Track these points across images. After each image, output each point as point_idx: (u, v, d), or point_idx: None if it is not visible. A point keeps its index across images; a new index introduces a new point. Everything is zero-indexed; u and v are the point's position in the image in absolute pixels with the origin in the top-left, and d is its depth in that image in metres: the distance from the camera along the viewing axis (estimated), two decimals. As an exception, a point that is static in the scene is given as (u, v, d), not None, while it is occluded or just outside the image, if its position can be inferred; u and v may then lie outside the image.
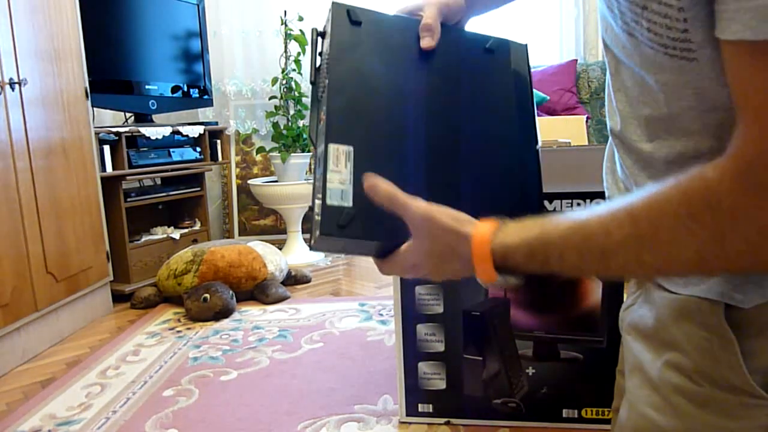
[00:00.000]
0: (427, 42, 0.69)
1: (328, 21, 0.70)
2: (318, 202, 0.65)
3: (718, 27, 0.41)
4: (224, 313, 2.01)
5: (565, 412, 1.21)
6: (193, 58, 2.81)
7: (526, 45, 0.78)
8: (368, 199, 0.61)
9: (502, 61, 0.75)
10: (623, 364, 0.69)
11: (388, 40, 0.69)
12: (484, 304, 1.19)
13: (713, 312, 0.52)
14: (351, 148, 0.64)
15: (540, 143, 0.75)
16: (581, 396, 1.19)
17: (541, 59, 3.14)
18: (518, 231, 0.54)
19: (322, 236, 0.64)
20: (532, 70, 0.80)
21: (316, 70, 0.72)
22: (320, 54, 0.72)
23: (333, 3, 0.69)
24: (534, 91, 0.83)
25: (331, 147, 0.63)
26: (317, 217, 0.65)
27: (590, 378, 1.18)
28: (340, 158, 0.64)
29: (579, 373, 1.18)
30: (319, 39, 0.73)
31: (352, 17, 0.69)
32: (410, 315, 1.22)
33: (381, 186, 0.60)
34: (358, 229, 0.63)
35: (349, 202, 0.63)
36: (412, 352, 1.23)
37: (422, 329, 1.22)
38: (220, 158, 2.82)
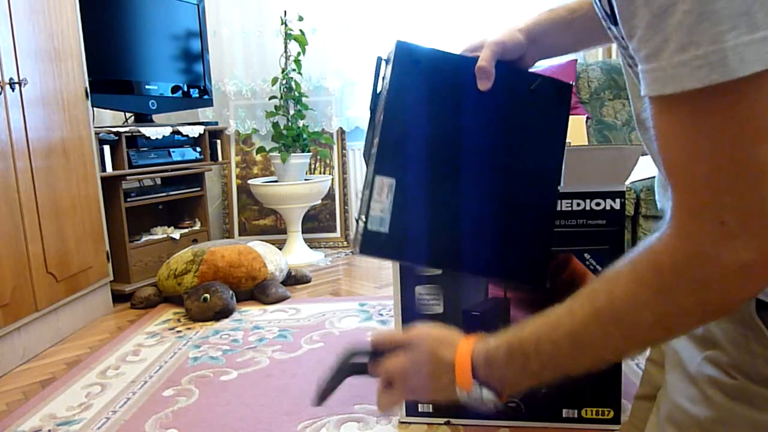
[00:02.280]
0: (483, 84, 0.74)
1: (391, 53, 0.77)
2: (361, 223, 0.75)
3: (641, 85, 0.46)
4: (224, 313, 2.01)
5: (565, 412, 1.21)
6: (193, 58, 2.81)
7: (570, 85, 0.82)
8: (402, 227, 0.74)
9: (544, 102, 0.80)
10: (655, 353, 0.74)
11: (444, 81, 0.76)
12: (484, 304, 1.19)
13: (748, 308, 0.54)
14: (394, 181, 0.74)
15: (563, 183, 0.82)
16: (581, 396, 1.19)
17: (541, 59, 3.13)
18: (499, 336, 0.59)
19: (361, 253, 0.75)
20: (569, 106, 0.84)
21: (376, 95, 0.79)
22: (383, 78, 0.78)
23: (397, 41, 0.76)
24: None
25: (377, 178, 0.74)
26: (359, 236, 0.75)
27: (590, 378, 1.17)
28: (383, 189, 0.74)
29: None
30: (383, 65, 0.79)
31: (413, 57, 0.76)
32: (410, 315, 1.21)
33: (378, 335, 0.69)
34: (391, 251, 0.75)
35: (386, 229, 0.74)
36: None
37: None
38: (220, 158, 2.82)
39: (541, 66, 3.03)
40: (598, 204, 1.12)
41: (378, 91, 0.78)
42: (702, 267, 0.45)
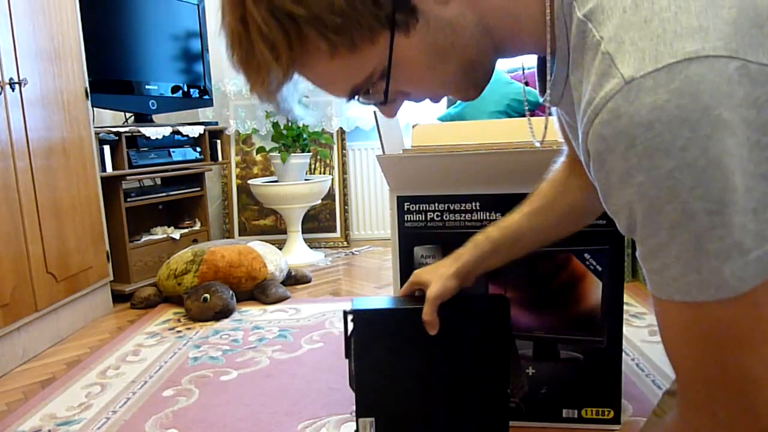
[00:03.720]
0: (431, 330, 0.89)
1: (351, 313, 0.97)
2: None
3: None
4: (224, 313, 2.01)
5: (565, 412, 1.21)
6: (193, 58, 2.81)
7: (506, 300, 0.96)
8: None
9: (485, 319, 0.95)
10: None
11: (398, 331, 0.94)
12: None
13: None
14: (373, 419, 0.96)
15: (510, 386, 0.99)
16: (581, 396, 1.19)
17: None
18: None
19: None
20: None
21: (347, 346, 0.98)
22: (350, 329, 0.97)
23: (353, 310, 0.96)
24: (533, 90, 0.85)
25: (360, 420, 0.96)
26: None
27: (590, 378, 1.18)
28: (366, 427, 0.96)
29: (579, 373, 1.18)
30: (348, 317, 0.98)
31: (370, 320, 0.96)
32: None
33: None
34: None
35: None
36: None
37: None
38: (220, 158, 2.82)
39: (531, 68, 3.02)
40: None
41: (348, 335, 0.97)
42: None
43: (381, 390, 0.96)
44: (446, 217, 1.18)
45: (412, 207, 1.19)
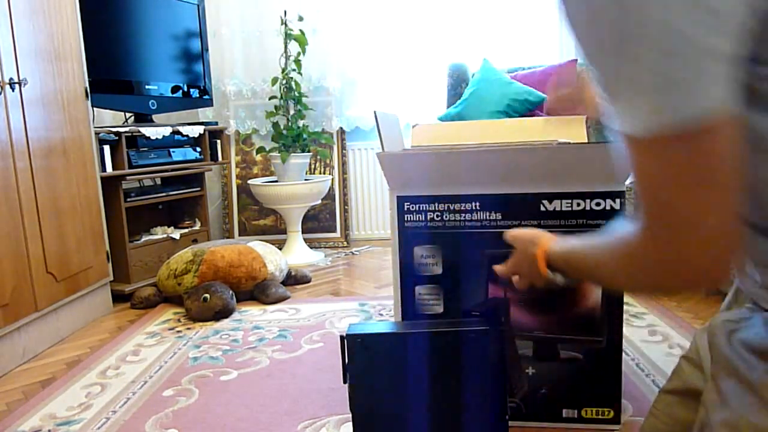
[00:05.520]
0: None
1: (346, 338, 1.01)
2: None
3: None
4: (224, 313, 2.01)
5: (565, 412, 1.21)
6: (193, 58, 2.81)
7: (501, 330, 1.00)
8: None
9: (480, 347, 0.99)
10: (693, 353, 0.82)
11: (393, 355, 0.98)
12: (485, 304, 1.20)
13: None
14: None
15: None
16: (581, 396, 1.19)
17: (541, 59, 3.14)
18: (564, 244, 0.81)
19: None
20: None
21: (344, 370, 1.01)
22: (346, 354, 1.00)
23: (348, 335, 0.99)
24: (533, 90, 0.87)
25: None
26: None
27: (590, 378, 1.18)
28: None
29: (579, 373, 1.18)
30: (345, 342, 1.00)
31: (363, 344, 0.99)
32: (410, 315, 1.22)
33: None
34: None
35: None
36: None
37: None
38: (220, 158, 2.82)
39: (542, 66, 3.03)
40: (598, 204, 1.12)
41: (344, 367, 1.00)
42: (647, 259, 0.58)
43: (377, 414, 0.99)
44: (446, 217, 1.18)
45: (412, 207, 1.20)
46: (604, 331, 1.15)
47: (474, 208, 1.17)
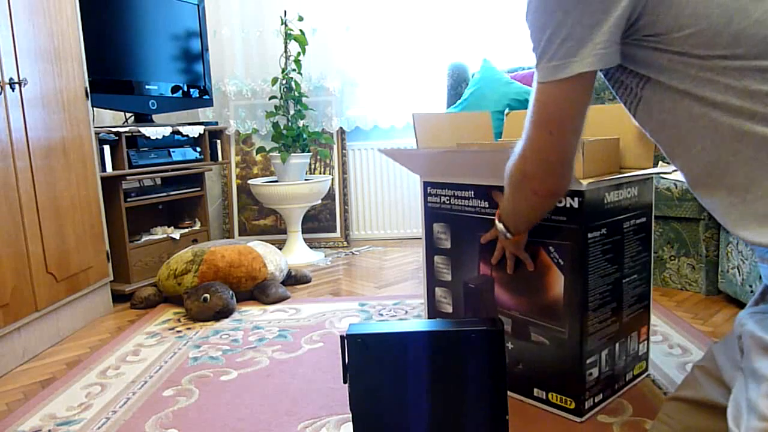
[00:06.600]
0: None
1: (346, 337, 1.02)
2: None
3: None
4: (224, 313, 2.01)
5: (535, 391, 1.27)
6: (193, 58, 2.81)
7: (501, 330, 1.01)
8: None
9: (480, 348, 1.00)
10: (708, 362, 0.83)
11: (392, 355, 1.00)
12: (478, 279, 1.34)
13: None
14: None
15: (508, 414, 1.03)
16: (549, 380, 1.24)
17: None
18: None
19: None
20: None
21: (344, 370, 1.02)
22: (346, 354, 1.01)
23: (348, 334, 1.00)
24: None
25: None
26: None
27: (555, 365, 1.22)
28: None
29: (545, 358, 1.23)
30: (345, 341, 1.01)
31: (363, 343, 1.00)
32: (431, 279, 1.48)
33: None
34: None
35: None
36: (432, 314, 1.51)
37: (438, 291, 1.47)
38: (220, 158, 2.82)
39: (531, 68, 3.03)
40: (559, 201, 1.14)
41: (344, 367, 1.01)
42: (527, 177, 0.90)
43: (377, 414, 1.01)
44: (453, 201, 1.39)
45: (432, 191, 1.43)
46: (566, 324, 1.19)
47: (470, 196, 1.34)
